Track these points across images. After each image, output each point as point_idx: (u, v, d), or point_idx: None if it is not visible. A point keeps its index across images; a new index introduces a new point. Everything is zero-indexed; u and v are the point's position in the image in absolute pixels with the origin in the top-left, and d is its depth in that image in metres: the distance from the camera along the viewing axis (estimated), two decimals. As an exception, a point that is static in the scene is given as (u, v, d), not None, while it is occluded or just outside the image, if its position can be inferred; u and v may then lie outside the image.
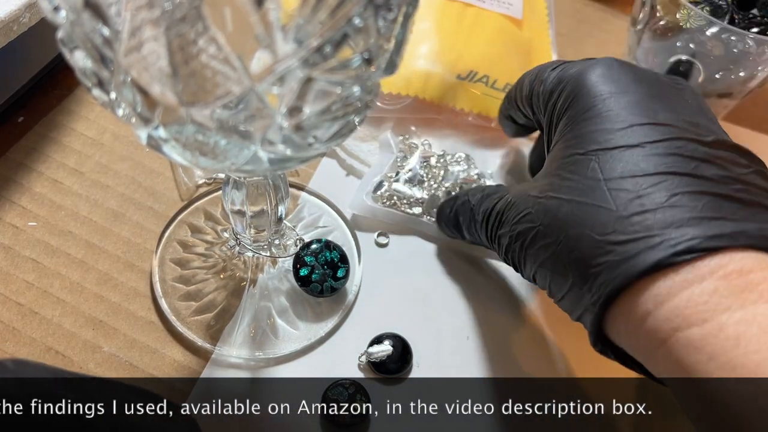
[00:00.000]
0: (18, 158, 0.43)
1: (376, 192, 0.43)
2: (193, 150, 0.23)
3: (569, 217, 0.28)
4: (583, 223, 0.27)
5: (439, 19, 0.48)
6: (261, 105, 0.21)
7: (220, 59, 0.19)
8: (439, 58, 0.47)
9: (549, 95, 0.33)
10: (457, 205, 0.38)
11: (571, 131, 0.30)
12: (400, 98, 0.46)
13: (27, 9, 0.37)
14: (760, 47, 0.41)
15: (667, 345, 0.24)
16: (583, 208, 0.27)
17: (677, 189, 0.26)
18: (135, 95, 0.21)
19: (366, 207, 0.43)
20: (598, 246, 0.26)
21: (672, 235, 0.24)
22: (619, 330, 0.27)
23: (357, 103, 0.23)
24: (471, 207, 0.37)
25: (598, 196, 0.27)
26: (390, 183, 0.43)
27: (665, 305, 0.24)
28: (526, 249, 0.30)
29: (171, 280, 0.39)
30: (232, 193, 0.34)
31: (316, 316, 0.39)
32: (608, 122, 0.29)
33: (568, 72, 0.32)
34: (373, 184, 0.44)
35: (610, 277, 0.25)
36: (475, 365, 0.38)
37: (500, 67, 0.48)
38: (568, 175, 0.29)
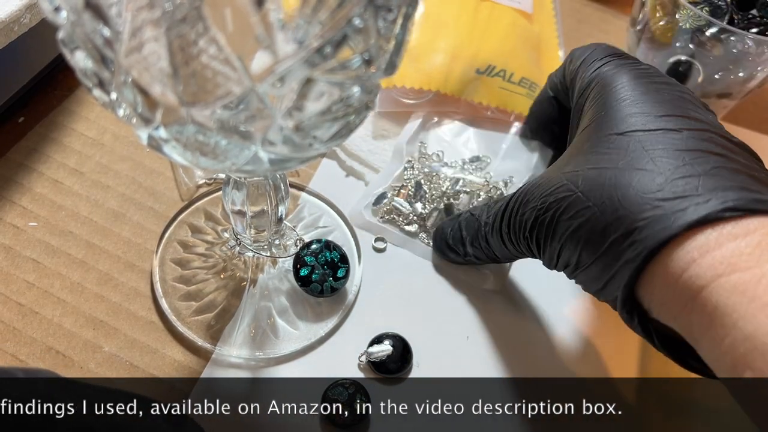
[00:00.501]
0: (18, 158, 0.43)
1: (377, 204, 0.43)
2: (194, 150, 0.23)
3: (613, 180, 0.28)
4: (628, 184, 0.28)
5: (456, 14, 0.49)
6: (261, 105, 0.21)
7: (220, 60, 0.19)
8: (458, 52, 0.47)
9: (588, 83, 0.35)
10: (461, 221, 0.39)
11: (607, 115, 0.32)
12: (422, 93, 0.47)
13: (27, 10, 0.38)
14: (759, 47, 0.41)
15: (707, 291, 0.25)
16: (628, 173, 0.28)
17: (717, 164, 0.27)
18: (136, 96, 0.21)
19: (363, 220, 0.43)
20: (645, 202, 0.27)
21: (719, 195, 0.26)
22: (654, 285, 0.27)
23: (357, 104, 0.23)
24: (477, 218, 0.38)
25: (644, 163, 0.28)
26: (391, 197, 0.43)
27: (710, 254, 0.25)
28: (557, 218, 0.30)
29: (171, 280, 0.39)
30: (233, 194, 0.34)
31: (316, 316, 0.39)
32: (647, 109, 0.31)
33: (605, 68, 0.34)
34: (375, 195, 0.43)
35: (657, 228, 0.26)
36: (475, 365, 0.38)
37: (515, 61, 0.48)
38: (607, 150, 0.30)
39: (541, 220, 0.32)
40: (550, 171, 0.33)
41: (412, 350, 0.38)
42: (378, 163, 0.45)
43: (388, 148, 0.46)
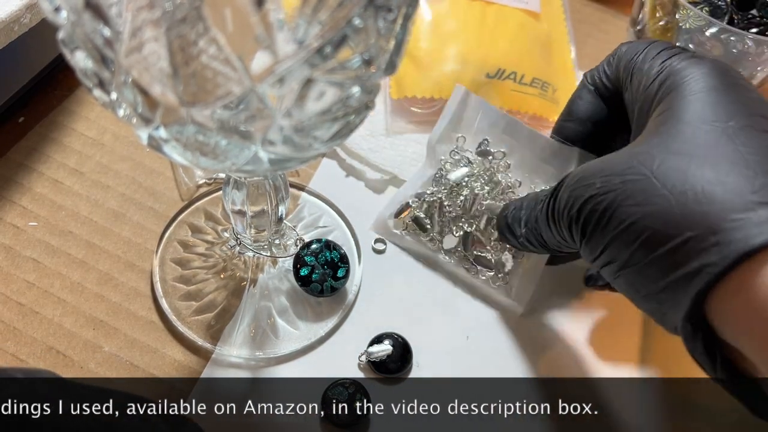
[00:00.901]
0: (19, 158, 0.43)
1: (399, 216, 0.41)
2: (194, 150, 0.23)
3: (699, 171, 0.25)
4: (717, 179, 0.25)
5: (464, 20, 0.49)
6: (261, 105, 0.21)
7: (220, 60, 0.20)
8: (467, 58, 0.47)
9: (657, 74, 0.31)
10: (525, 199, 0.36)
11: (690, 103, 0.28)
12: (432, 102, 0.47)
13: (28, 9, 0.38)
14: (759, 47, 0.41)
15: None
16: (718, 167, 0.25)
17: None
18: (136, 96, 0.21)
19: (387, 231, 0.42)
20: (738, 202, 0.24)
21: None
22: (735, 296, 0.24)
23: (357, 104, 0.23)
24: (537, 195, 0.35)
25: (737, 159, 0.25)
26: (413, 209, 0.41)
27: None
28: (618, 203, 0.27)
29: (171, 280, 0.39)
30: (233, 193, 0.34)
31: (317, 315, 0.39)
32: (734, 104, 0.28)
33: (677, 61, 0.31)
34: (399, 204, 0.41)
35: (753, 231, 0.23)
36: (475, 365, 0.38)
37: (525, 62, 0.48)
38: (691, 138, 0.27)
39: (595, 203, 0.28)
40: (614, 154, 0.29)
41: (412, 350, 0.38)
42: (379, 161, 0.45)
43: (388, 146, 0.46)
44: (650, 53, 0.33)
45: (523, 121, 0.48)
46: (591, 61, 0.54)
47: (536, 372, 0.38)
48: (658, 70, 0.31)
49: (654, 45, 0.33)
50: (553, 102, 0.49)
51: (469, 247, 0.40)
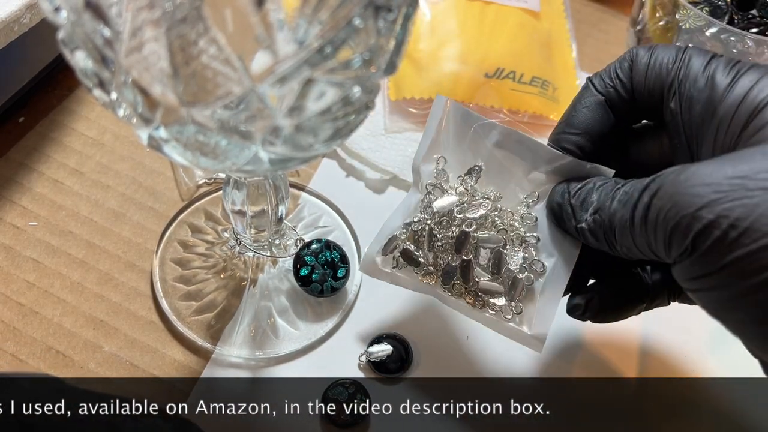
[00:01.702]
0: (19, 158, 0.43)
1: (387, 249, 0.34)
2: (194, 150, 0.23)
3: None
4: None
5: (462, 20, 0.49)
6: (262, 105, 0.21)
7: (220, 60, 0.20)
8: (465, 58, 0.47)
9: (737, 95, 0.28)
10: (596, 181, 0.31)
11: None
12: (431, 102, 0.46)
13: (27, 9, 0.38)
14: (759, 47, 0.41)
15: None
16: None
17: None
18: (136, 96, 0.21)
19: (376, 269, 0.35)
20: None
21: None
22: None
23: (357, 104, 0.23)
24: (617, 184, 0.30)
25: None
26: (402, 241, 0.34)
27: None
28: (759, 215, 0.23)
29: (171, 279, 0.39)
30: (233, 193, 0.34)
31: (317, 315, 0.39)
32: None
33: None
34: (386, 237, 0.34)
35: None
36: (475, 365, 0.38)
37: (525, 61, 0.48)
38: None
39: (719, 212, 0.24)
40: (739, 154, 0.25)
41: (412, 350, 0.38)
42: (379, 161, 0.45)
43: (388, 146, 0.46)
44: (696, 63, 0.30)
45: (523, 120, 0.48)
46: (591, 60, 0.54)
47: (536, 372, 0.38)
48: (732, 83, 0.28)
49: (694, 52, 0.30)
50: (553, 100, 0.49)
51: (470, 278, 0.33)
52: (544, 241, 0.33)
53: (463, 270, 0.33)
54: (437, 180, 0.35)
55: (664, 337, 0.40)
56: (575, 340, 0.39)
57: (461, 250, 0.33)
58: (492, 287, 0.33)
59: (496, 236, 0.33)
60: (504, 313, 0.33)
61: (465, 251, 0.33)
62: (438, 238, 0.33)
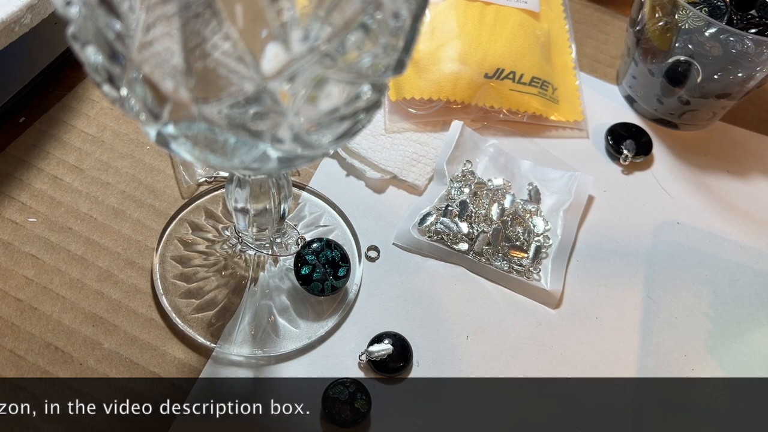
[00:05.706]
0: (18, 154, 0.42)
1: (422, 224, 0.42)
2: (203, 147, 0.23)
3: None
4: None
5: (462, 20, 0.49)
6: (273, 103, 0.21)
7: (233, 57, 0.19)
8: (466, 59, 0.47)
9: None
10: None
11: None
12: (431, 103, 0.47)
13: (28, 10, 0.37)
14: (758, 48, 0.41)
15: None
16: None
17: None
18: (146, 92, 0.21)
19: (411, 239, 0.42)
20: None
21: None
22: None
23: (367, 102, 0.23)
24: None
25: None
26: (438, 216, 0.43)
27: None
28: None
29: (172, 277, 0.39)
30: (236, 191, 0.34)
31: (317, 314, 0.39)
32: None
33: None
34: (420, 215, 0.43)
35: None
36: (475, 365, 0.38)
37: (524, 61, 0.49)
38: None
39: None
40: None
41: (412, 350, 0.38)
42: (379, 161, 0.45)
43: (388, 146, 0.46)
44: None
45: (523, 120, 0.48)
46: (590, 61, 0.54)
47: (536, 372, 0.38)
48: None
49: None
50: (553, 101, 0.49)
51: (498, 241, 0.42)
52: (549, 215, 0.44)
53: (494, 236, 0.42)
54: (463, 174, 0.45)
55: (664, 337, 0.40)
56: (575, 339, 0.40)
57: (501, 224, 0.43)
58: (518, 248, 0.42)
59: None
60: (527, 274, 0.42)
61: (497, 221, 0.43)
62: (473, 210, 0.43)
